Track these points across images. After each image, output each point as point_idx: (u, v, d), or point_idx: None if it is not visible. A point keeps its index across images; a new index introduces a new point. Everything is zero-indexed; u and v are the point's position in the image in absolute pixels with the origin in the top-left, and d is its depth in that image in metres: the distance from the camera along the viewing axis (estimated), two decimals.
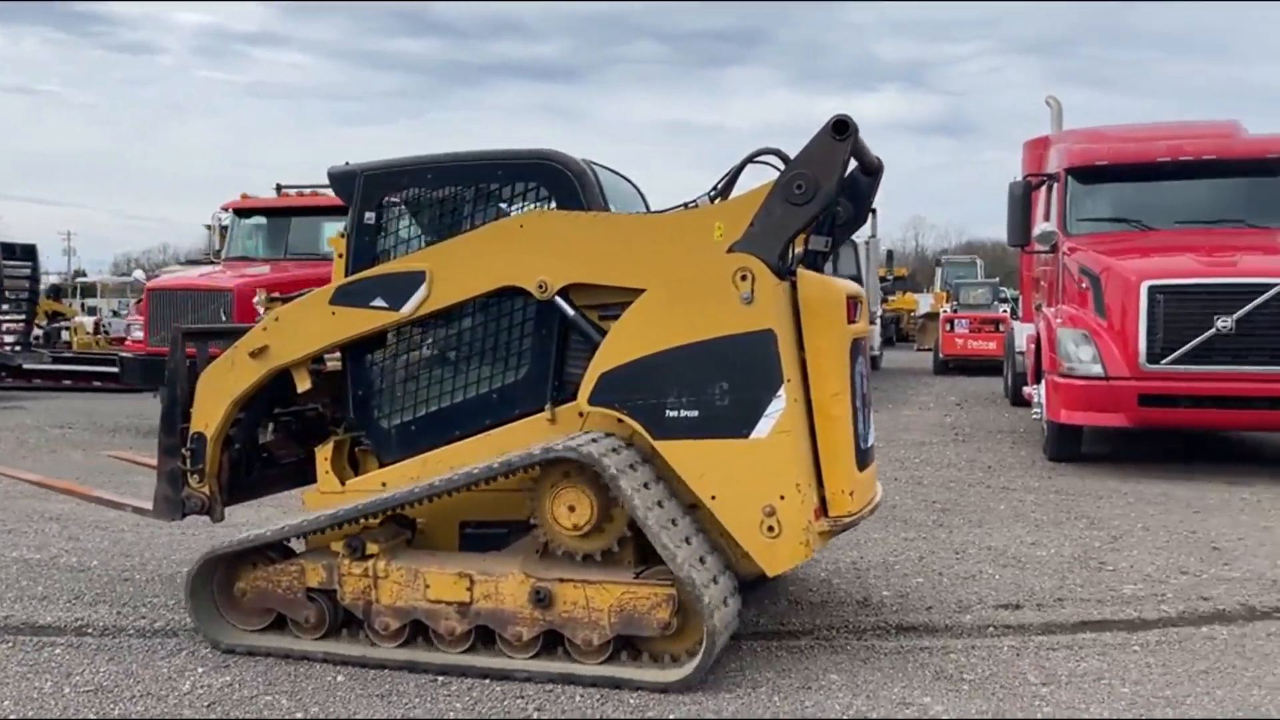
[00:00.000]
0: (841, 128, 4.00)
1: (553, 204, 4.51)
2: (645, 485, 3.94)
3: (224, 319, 10.73)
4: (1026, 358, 11.36)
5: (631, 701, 3.77)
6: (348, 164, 4.81)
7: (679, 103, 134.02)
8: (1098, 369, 8.41)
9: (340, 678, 4.04)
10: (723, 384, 4.02)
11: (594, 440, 3.98)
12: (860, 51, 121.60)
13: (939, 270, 37.90)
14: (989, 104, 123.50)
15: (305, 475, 5.09)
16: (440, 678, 4.01)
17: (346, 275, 4.65)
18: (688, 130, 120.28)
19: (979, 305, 22.39)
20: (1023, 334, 12.79)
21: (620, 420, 4.15)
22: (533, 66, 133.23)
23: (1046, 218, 10.15)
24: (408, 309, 4.46)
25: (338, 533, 4.27)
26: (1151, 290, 8.24)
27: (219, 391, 4.72)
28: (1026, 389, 10.86)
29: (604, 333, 4.26)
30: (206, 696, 3.86)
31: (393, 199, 4.70)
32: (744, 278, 4.01)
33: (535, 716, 3.67)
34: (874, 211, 21.64)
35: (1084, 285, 8.99)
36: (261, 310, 6.31)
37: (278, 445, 5.13)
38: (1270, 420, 8.37)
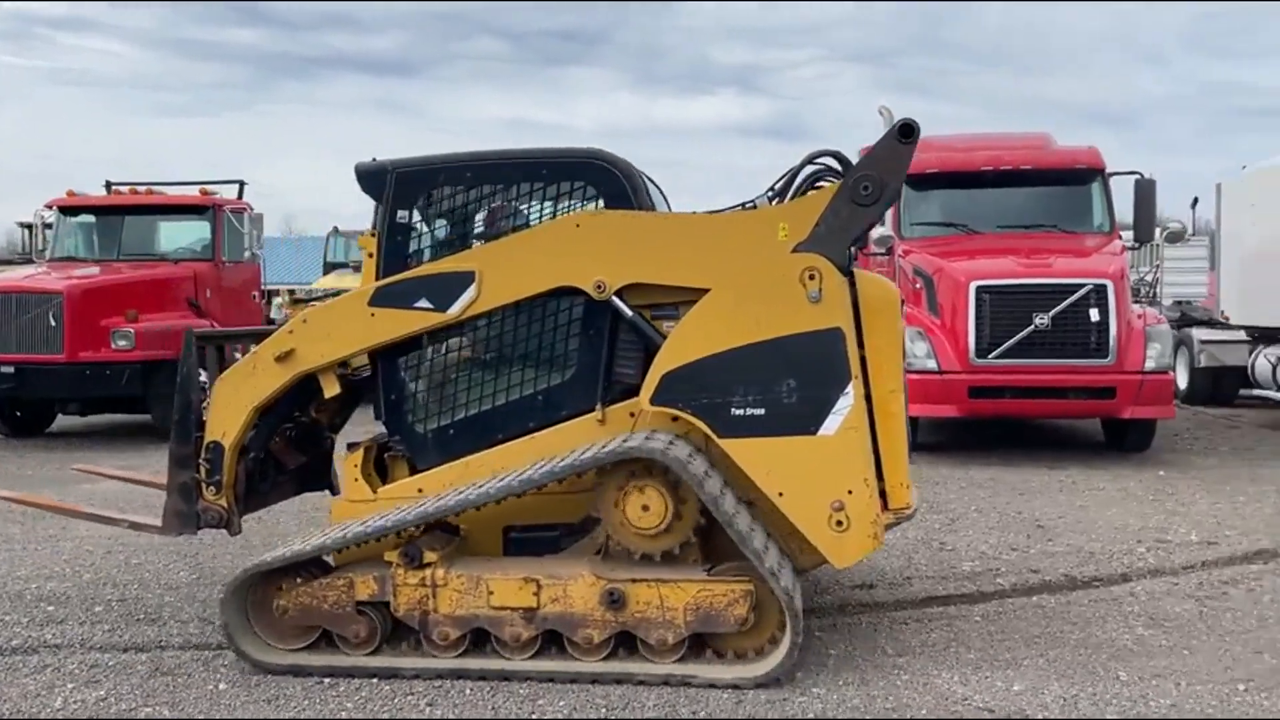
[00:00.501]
0: (908, 132, 4.05)
1: (600, 203, 4.44)
2: (723, 488, 3.96)
3: (53, 324, 10.17)
4: None
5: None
6: (375, 160, 4.59)
7: (520, 100, 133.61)
8: (932, 364, 9.00)
9: (223, 685, 4.00)
10: (790, 382, 4.04)
11: (671, 442, 3.96)
12: (697, 55, 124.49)
13: None
14: (821, 109, 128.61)
15: (305, 483, 5.07)
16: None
17: (378, 276, 4.48)
18: (529, 128, 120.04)
19: None
20: None
21: (677, 419, 4.12)
22: (367, 60, 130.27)
23: (883, 222, 10.75)
24: (455, 310, 4.34)
25: (384, 543, 4.11)
26: (979, 290, 8.90)
27: (239, 398, 4.47)
28: None
29: (660, 333, 4.24)
30: (81, 711, 3.76)
31: (427, 197, 4.56)
32: (812, 277, 4.04)
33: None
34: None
35: (918, 285, 9.60)
36: (285, 312, 6.00)
37: (280, 451, 4.85)
38: (1083, 409, 9.21)
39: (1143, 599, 5.02)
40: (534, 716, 3.67)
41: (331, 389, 4.52)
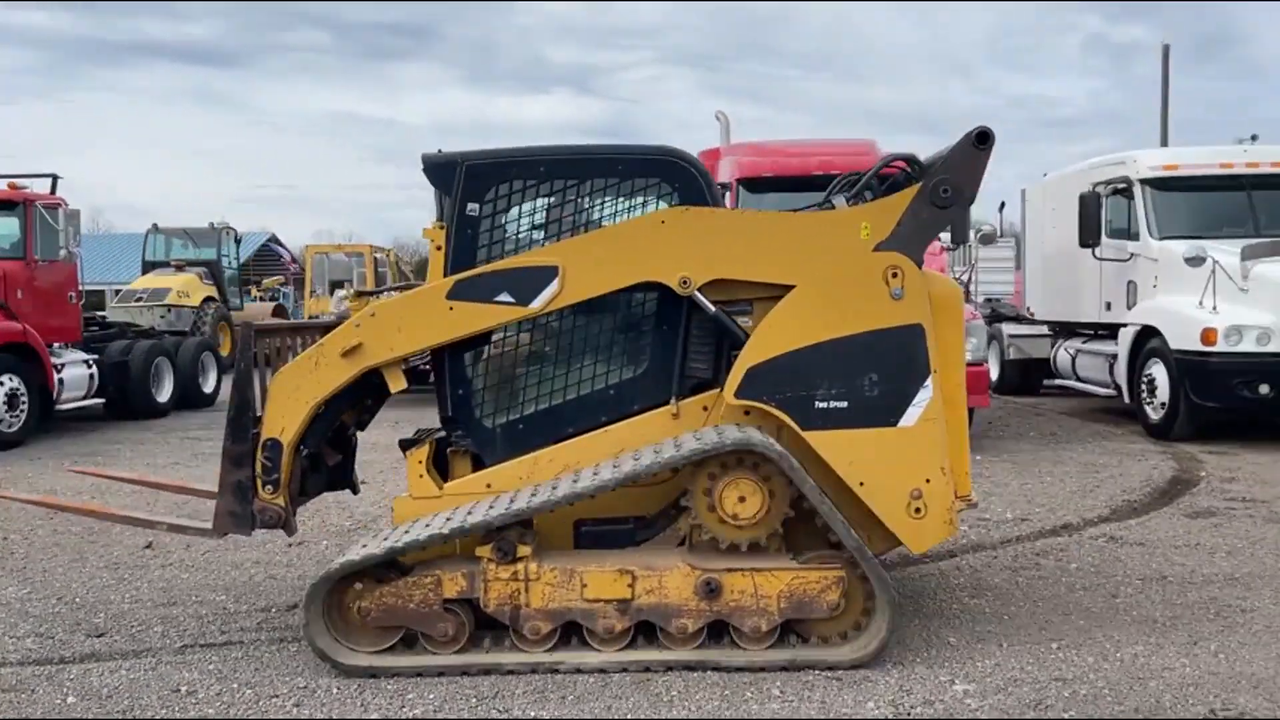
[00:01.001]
0: (984, 138, 4.22)
1: (675, 200, 4.44)
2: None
3: None
4: None
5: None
6: (440, 151, 4.54)
7: (348, 94, 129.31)
8: None
9: (71, 698, 3.86)
10: (872, 375, 4.18)
11: (761, 432, 4.09)
12: (531, 54, 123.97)
13: None
14: (653, 111, 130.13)
15: (334, 482, 4.92)
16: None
17: (448, 269, 4.40)
18: (357, 122, 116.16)
19: None
20: None
21: (749, 412, 4.23)
22: (182, 48, 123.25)
23: None
24: (537, 304, 4.30)
25: (469, 540, 4.08)
26: None
27: (300, 394, 4.34)
28: None
29: (741, 328, 4.34)
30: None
31: (499, 190, 4.46)
32: (895, 274, 4.18)
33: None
34: None
35: None
36: (346, 306, 5.55)
37: (320, 449, 4.67)
38: None
39: (966, 572, 5.45)
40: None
41: (397, 384, 4.44)
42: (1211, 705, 3.63)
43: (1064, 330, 12.94)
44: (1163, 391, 10.04)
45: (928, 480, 4.16)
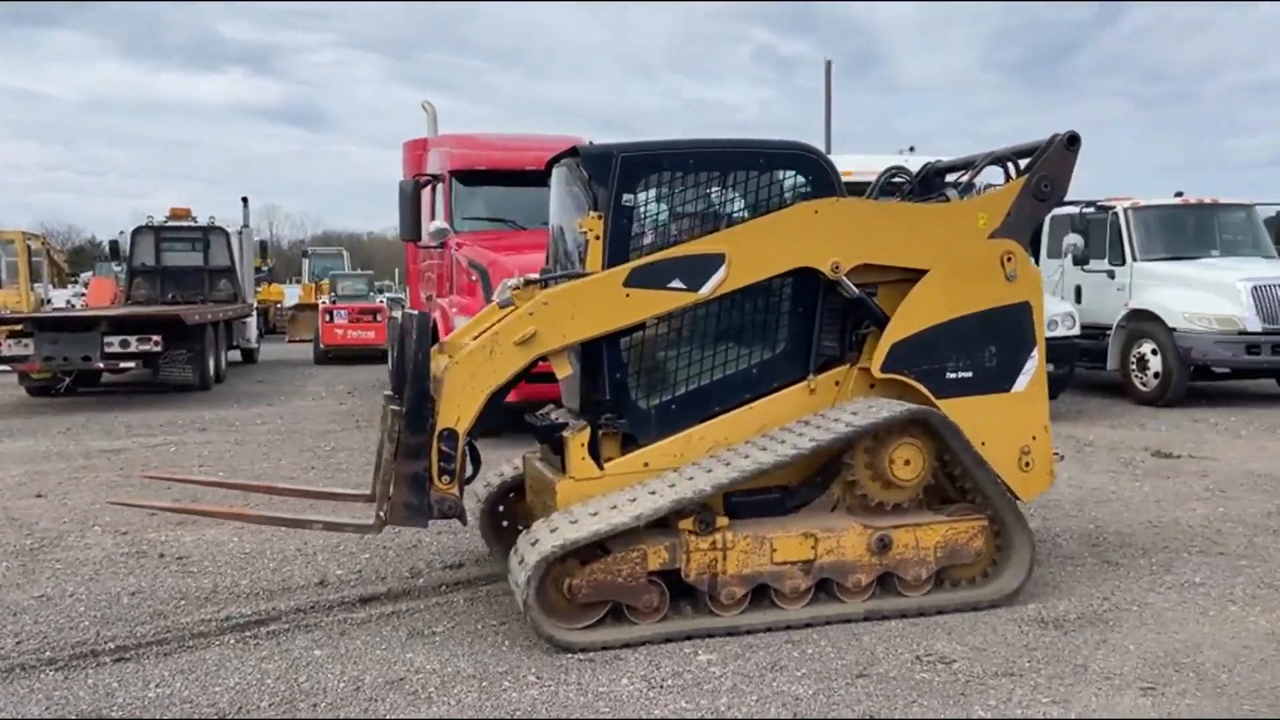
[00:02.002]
0: (1075, 141, 4.88)
1: (809, 191, 4.76)
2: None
3: None
4: None
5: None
6: (592, 143, 4.74)
7: None
8: None
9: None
10: (991, 348, 4.82)
11: (905, 402, 4.58)
12: (202, 29, 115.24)
13: (305, 262, 37.79)
14: (340, 97, 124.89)
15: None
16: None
17: (605, 258, 4.52)
18: None
19: (357, 296, 22.97)
20: None
21: (874, 385, 4.76)
22: None
23: (434, 215, 10.99)
24: (706, 290, 4.54)
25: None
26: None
27: (475, 383, 4.41)
28: None
29: (876, 310, 4.77)
30: None
31: (649, 181, 4.62)
32: (1009, 259, 4.82)
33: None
34: (245, 200, 21.12)
35: (474, 278, 9.96)
36: (506, 294, 4.77)
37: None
38: None
39: None
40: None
41: (564, 370, 4.60)
42: (916, 652, 4.11)
43: None
44: None
45: (1034, 437, 4.86)
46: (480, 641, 4.32)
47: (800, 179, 4.81)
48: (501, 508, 5.54)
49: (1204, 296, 11.56)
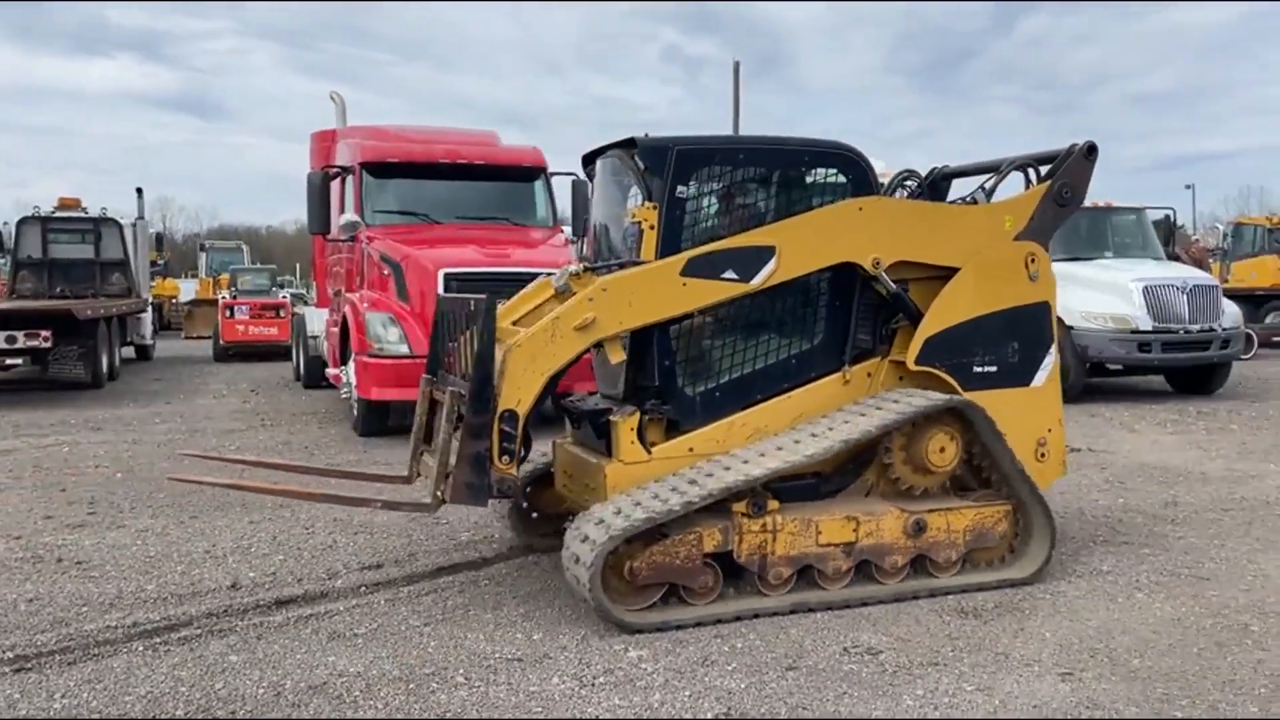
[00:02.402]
0: (1093, 150, 5.21)
1: (850, 189, 4.96)
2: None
3: None
4: (328, 341, 11.88)
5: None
6: (646, 135, 4.83)
7: None
8: (404, 348, 9.25)
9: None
10: (1014, 344, 5.10)
11: (934, 394, 4.80)
12: (89, 12, 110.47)
13: (202, 256, 36.61)
14: (236, 85, 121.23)
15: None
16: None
17: (659, 247, 4.66)
18: None
19: (259, 291, 22.32)
20: (318, 319, 13.27)
21: (903, 378, 5.01)
22: None
23: (343, 208, 10.74)
24: (757, 281, 4.69)
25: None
26: (447, 277, 9.31)
27: (536, 365, 4.48)
28: (332, 371, 11.37)
29: (911, 305, 4.98)
30: None
31: (702, 174, 4.78)
32: (1032, 260, 5.10)
33: None
34: (140, 191, 20.32)
35: (386, 272, 9.76)
36: (564, 281, 4.76)
37: None
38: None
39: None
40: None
41: (617, 356, 4.66)
42: (843, 643, 4.16)
43: None
44: None
45: (1049, 430, 5.17)
46: (405, 643, 4.22)
47: (842, 178, 5.02)
48: (528, 494, 5.59)
49: (1099, 296, 12.00)
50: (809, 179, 5.03)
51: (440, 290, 9.28)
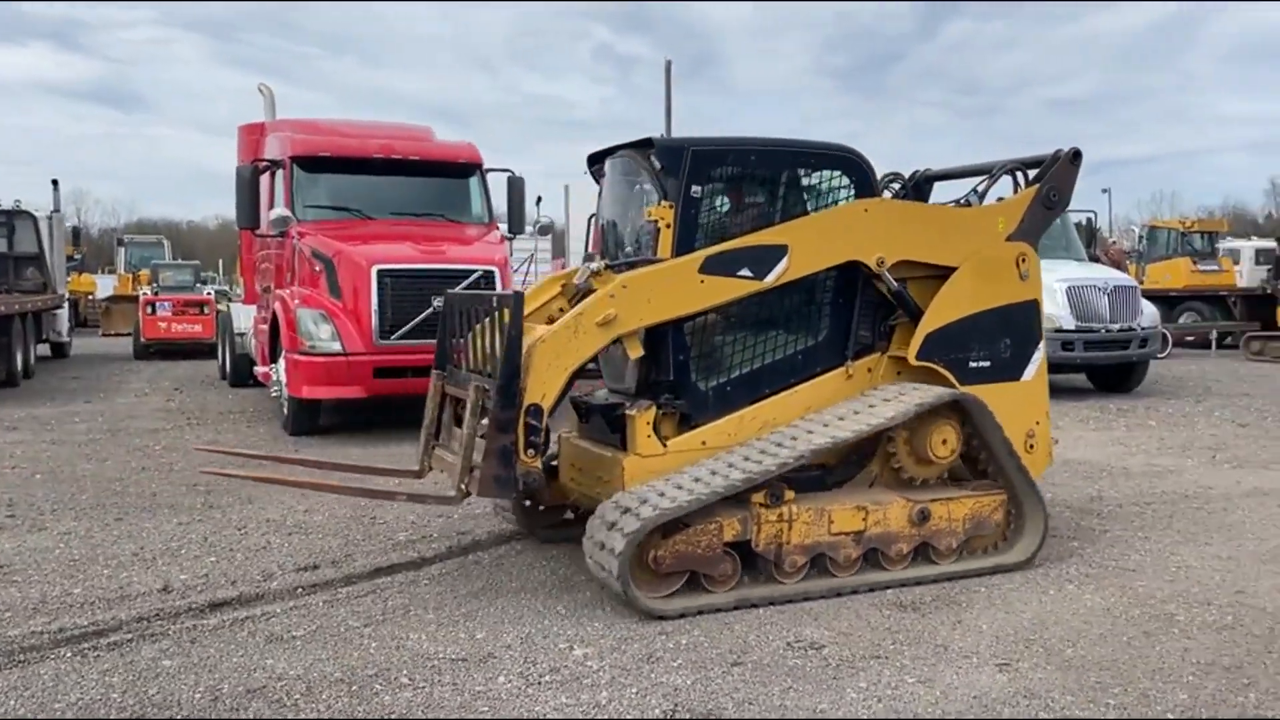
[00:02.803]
0: (1078, 156, 5.48)
1: (852, 192, 5.15)
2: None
3: None
4: (256, 339, 11.63)
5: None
6: (663, 136, 4.99)
7: None
8: (337, 346, 9.10)
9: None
10: (1006, 340, 5.33)
11: (939, 388, 5.01)
12: None
13: (121, 250, 35.54)
14: (157, 77, 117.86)
15: None
16: None
17: (675, 245, 4.77)
18: None
19: (182, 287, 21.73)
20: (246, 316, 12.98)
21: (900, 373, 5.21)
22: None
23: (273, 203, 10.51)
24: (770, 279, 4.83)
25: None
26: (380, 274, 9.19)
27: (560, 361, 4.56)
28: (261, 369, 11.13)
29: (911, 302, 5.17)
30: None
31: (715, 174, 4.90)
32: (1023, 260, 5.36)
33: None
34: (55, 183, 19.66)
35: (318, 269, 9.58)
36: (585, 278, 4.98)
37: None
38: None
39: (564, 546, 5.69)
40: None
41: (636, 352, 4.75)
42: (786, 639, 4.19)
43: None
44: None
45: (1037, 422, 5.42)
46: (345, 644, 4.15)
47: (846, 179, 5.20)
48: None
49: None
50: (815, 180, 5.20)
51: (374, 288, 9.16)
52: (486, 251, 9.85)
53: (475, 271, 9.43)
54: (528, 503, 5.64)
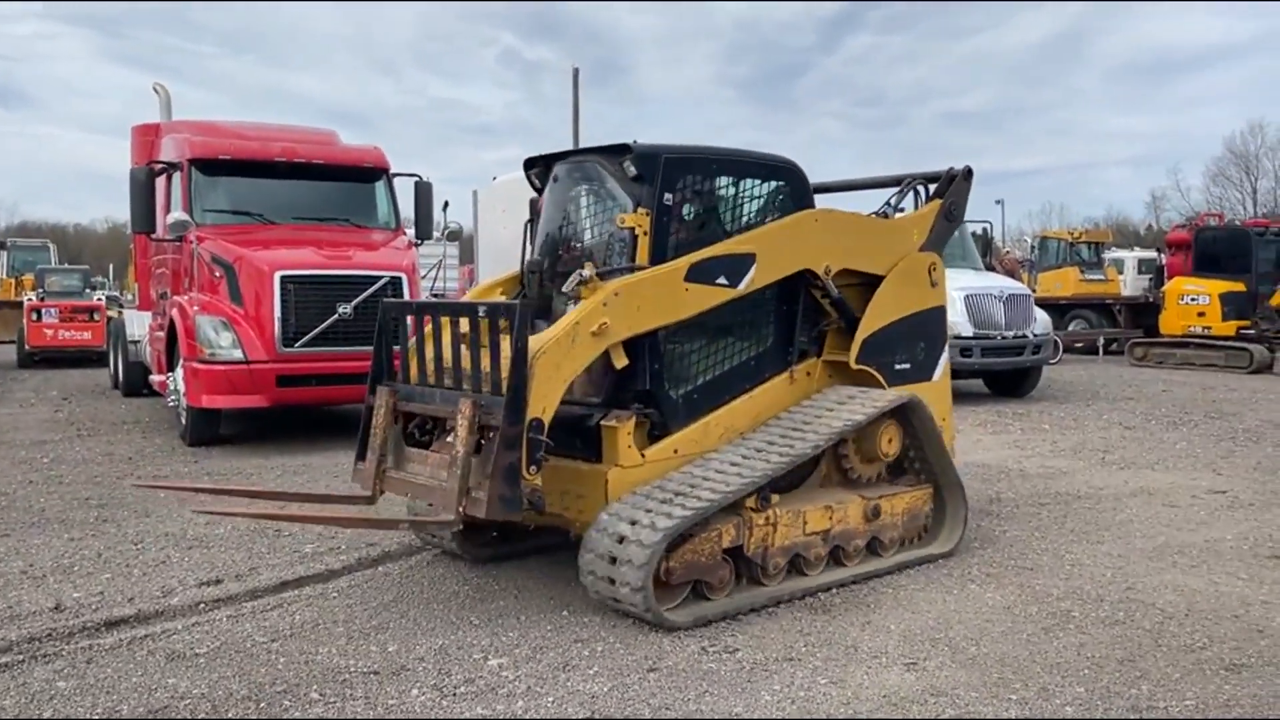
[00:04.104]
0: (970, 174, 6.02)
1: (791, 200, 5.38)
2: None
3: None
4: (152, 346, 11.25)
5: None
6: (637, 142, 4.93)
7: None
8: (238, 354, 8.85)
9: None
10: (921, 344, 5.74)
11: (892, 390, 5.42)
12: None
13: (3, 255, 33.98)
14: (41, 73, 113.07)
15: None
16: None
17: (652, 253, 4.83)
18: None
19: (69, 293, 20.85)
20: (140, 322, 12.54)
21: (832, 375, 5.56)
22: None
23: (170, 206, 10.18)
24: (742, 287, 5.00)
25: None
26: (284, 280, 8.97)
27: (560, 373, 4.45)
28: (157, 378, 10.76)
29: (849, 309, 5.46)
30: None
31: (683, 182, 4.98)
32: (933, 269, 5.80)
33: None
34: None
35: (218, 274, 9.30)
36: (574, 287, 4.69)
37: None
38: None
39: (467, 557, 5.64)
40: None
41: (621, 362, 4.73)
42: (702, 643, 4.23)
43: None
44: None
45: (944, 419, 5.73)
46: (251, 661, 4.04)
47: (788, 188, 5.43)
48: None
49: None
50: (764, 189, 5.38)
51: (277, 294, 8.94)
52: (393, 257, 9.71)
53: (382, 278, 9.29)
54: (491, 532, 5.44)
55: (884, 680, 3.85)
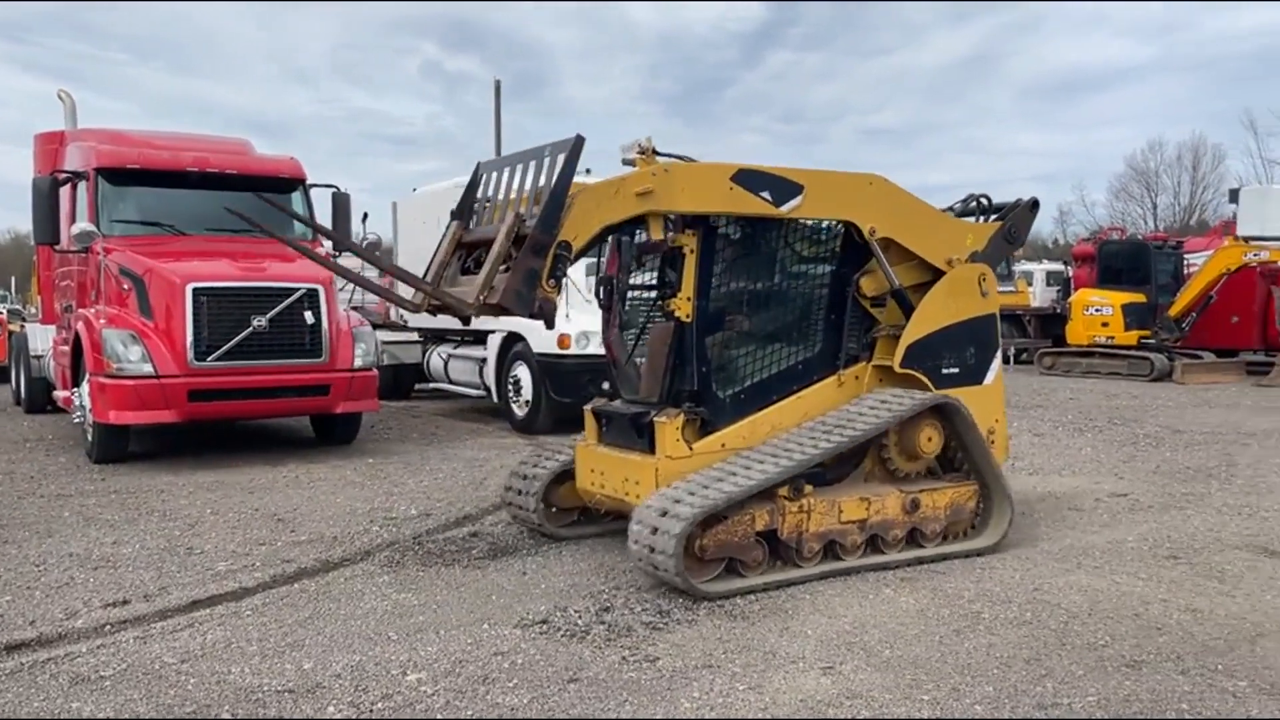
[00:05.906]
0: (1036, 205, 6.46)
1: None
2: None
3: None
4: (57, 361, 10.89)
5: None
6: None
7: None
8: (148, 368, 8.61)
9: None
10: (971, 349, 6.08)
11: (925, 392, 5.75)
12: None
13: None
14: None
15: None
16: None
17: (697, 275, 5.39)
18: None
19: None
20: (44, 336, 12.12)
21: (882, 380, 5.90)
22: None
23: (75, 217, 9.87)
24: (785, 209, 5.43)
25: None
26: (196, 292, 8.76)
27: (598, 212, 5.05)
28: (61, 393, 10.41)
29: (910, 300, 5.89)
30: None
31: None
32: (984, 279, 6.13)
33: None
34: None
35: (126, 287, 9.04)
36: (630, 154, 5.36)
37: None
38: (301, 406, 9.63)
39: (386, 568, 5.59)
40: None
41: (658, 233, 5.24)
42: (622, 653, 4.24)
43: (434, 336, 13.74)
44: (527, 390, 11.22)
45: (997, 420, 6.18)
46: (160, 682, 3.93)
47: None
48: (550, 488, 6.17)
49: None
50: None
51: (189, 307, 8.73)
52: (310, 269, 9.52)
53: (298, 290, 9.13)
54: (546, 504, 6.15)
55: (801, 685, 3.91)
